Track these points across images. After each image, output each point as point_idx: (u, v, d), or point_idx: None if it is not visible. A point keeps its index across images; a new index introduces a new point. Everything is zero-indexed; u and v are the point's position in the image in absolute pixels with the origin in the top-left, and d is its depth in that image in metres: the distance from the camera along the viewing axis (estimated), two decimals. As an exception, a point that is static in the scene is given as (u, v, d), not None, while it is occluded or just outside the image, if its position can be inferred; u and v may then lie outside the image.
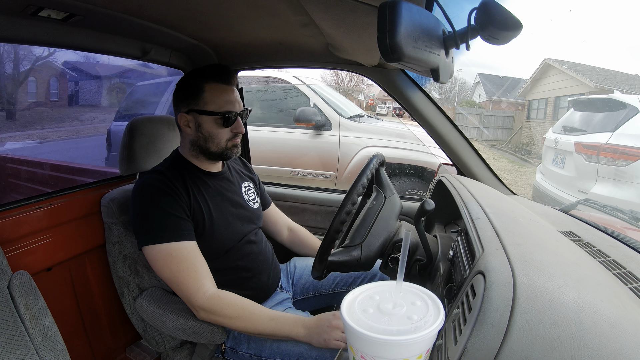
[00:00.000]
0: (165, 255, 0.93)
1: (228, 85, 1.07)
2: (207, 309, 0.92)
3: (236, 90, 1.09)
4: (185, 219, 0.99)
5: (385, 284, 0.53)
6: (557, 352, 0.40)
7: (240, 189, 1.22)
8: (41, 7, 0.91)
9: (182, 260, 0.93)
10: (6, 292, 0.85)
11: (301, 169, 3.32)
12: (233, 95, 1.07)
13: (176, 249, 0.93)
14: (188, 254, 0.94)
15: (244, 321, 0.93)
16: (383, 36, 0.49)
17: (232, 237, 1.11)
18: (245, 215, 1.17)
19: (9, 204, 1.05)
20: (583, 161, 3.48)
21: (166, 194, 0.99)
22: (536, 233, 0.70)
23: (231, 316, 0.92)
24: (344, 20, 0.87)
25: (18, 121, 2.62)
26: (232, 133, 1.08)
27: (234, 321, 0.93)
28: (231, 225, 1.12)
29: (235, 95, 1.08)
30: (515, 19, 0.55)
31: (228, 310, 0.93)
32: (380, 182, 0.96)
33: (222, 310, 0.92)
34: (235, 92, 1.08)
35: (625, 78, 10.77)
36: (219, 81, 1.06)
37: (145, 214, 0.96)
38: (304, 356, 1.00)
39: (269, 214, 1.39)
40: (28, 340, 0.86)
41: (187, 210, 1.02)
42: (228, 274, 1.10)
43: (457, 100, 19.70)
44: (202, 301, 0.92)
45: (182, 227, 0.97)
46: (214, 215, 1.08)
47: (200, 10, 1.02)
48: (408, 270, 0.84)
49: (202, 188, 1.09)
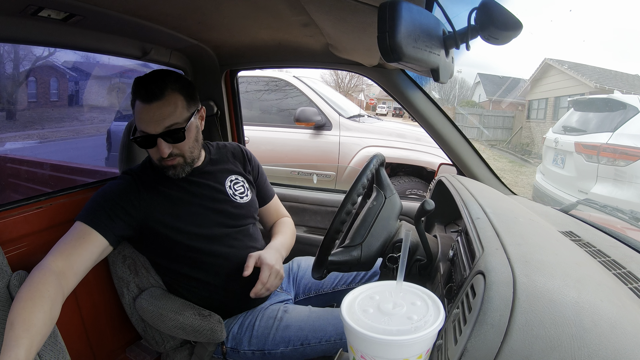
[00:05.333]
0: (72, 227, 0.96)
1: (146, 103, 0.96)
2: (29, 275, 0.83)
3: (164, 107, 0.96)
4: (115, 215, 0.97)
5: (385, 284, 0.53)
6: (557, 352, 0.40)
7: (222, 183, 1.16)
8: (41, 7, 0.91)
9: (71, 234, 0.94)
10: (6, 292, 0.85)
11: (301, 169, 3.33)
12: (150, 114, 0.96)
13: (76, 225, 0.96)
14: (78, 234, 0.94)
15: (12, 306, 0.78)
16: (383, 36, 0.49)
17: (209, 231, 1.08)
18: (226, 209, 1.13)
19: (9, 204, 1.05)
20: (583, 161, 3.48)
21: (116, 195, 1.00)
22: (536, 233, 0.70)
23: (17, 294, 0.79)
24: (344, 20, 0.87)
25: (18, 121, 2.62)
26: (158, 155, 1.01)
27: (14, 300, 0.79)
28: (205, 219, 1.09)
29: (154, 115, 0.96)
30: (515, 19, 0.55)
31: (21, 287, 0.80)
32: (380, 182, 0.96)
33: (23, 285, 0.81)
34: (159, 110, 0.96)
35: (625, 78, 10.77)
36: (139, 98, 0.97)
37: (91, 199, 1.01)
38: (307, 339, 1.02)
39: (262, 211, 1.33)
40: (28, 340, 0.86)
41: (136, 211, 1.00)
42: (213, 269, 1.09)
43: (457, 100, 19.70)
44: (38, 266, 0.85)
45: (103, 219, 0.96)
46: (183, 211, 1.06)
47: (200, 10, 1.02)
48: (408, 270, 0.84)
49: (170, 189, 1.07)
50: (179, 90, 0.99)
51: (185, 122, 1.01)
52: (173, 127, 0.98)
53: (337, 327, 1.03)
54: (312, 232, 1.75)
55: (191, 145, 1.05)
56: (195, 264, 1.08)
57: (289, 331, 1.04)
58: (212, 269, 1.09)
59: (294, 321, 1.06)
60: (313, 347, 1.02)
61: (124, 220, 0.99)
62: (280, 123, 3.44)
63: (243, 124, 1.80)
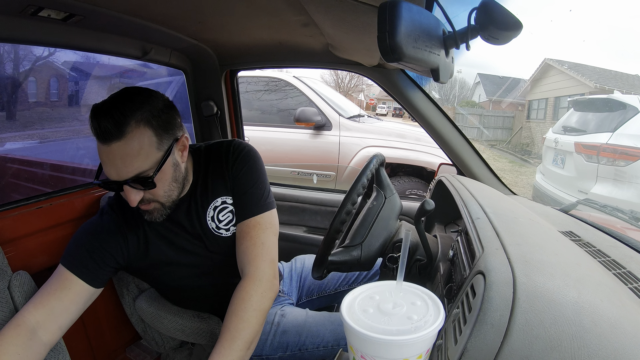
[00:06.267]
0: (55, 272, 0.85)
1: (104, 143, 0.75)
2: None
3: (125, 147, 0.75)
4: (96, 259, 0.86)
5: (385, 284, 0.53)
6: (557, 352, 0.40)
7: (203, 216, 0.94)
8: (41, 7, 0.91)
9: (54, 280, 0.83)
10: (6, 292, 0.85)
11: (301, 169, 3.33)
12: (109, 157, 0.76)
13: (60, 271, 0.84)
14: (62, 282, 0.82)
15: None
16: (383, 36, 0.49)
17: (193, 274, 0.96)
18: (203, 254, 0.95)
19: (9, 204, 1.05)
20: (583, 161, 3.48)
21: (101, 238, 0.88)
22: (536, 233, 0.70)
23: None
24: (344, 20, 0.87)
25: (18, 121, 2.62)
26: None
27: None
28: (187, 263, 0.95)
29: (113, 159, 0.75)
30: (515, 19, 0.55)
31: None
32: (380, 182, 0.96)
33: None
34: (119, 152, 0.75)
35: (625, 78, 10.78)
36: (95, 136, 0.76)
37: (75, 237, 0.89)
38: (305, 345, 1.01)
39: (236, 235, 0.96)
40: (28, 340, 0.86)
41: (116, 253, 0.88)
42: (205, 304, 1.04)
43: (457, 100, 19.72)
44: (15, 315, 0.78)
45: (83, 263, 0.84)
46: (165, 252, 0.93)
47: (200, 10, 1.02)
48: (408, 270, 0.84)
49: (152, 224, 0.92)
50: (147, 122, 0.77)
51: (155, 167, 0.79)
52: (139, 175, 0.78)
53: (334, 333, 1.02)
54: (312, 232, 1.75)
55: (167, 189, 0.84)
56: (181, 299, 1.06)
57: (286, 337, 1.03)
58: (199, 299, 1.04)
59: (291, 326, 1.05)
60: (311, 352, 1.02)
61: (111, 265, 0.88)
62: (280, 123, 3.44)
63: (243, 124, 1.81)
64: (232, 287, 0.94)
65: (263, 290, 0.83)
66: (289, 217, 1.76)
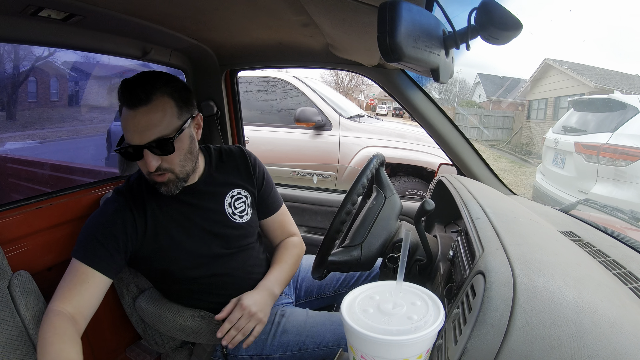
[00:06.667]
0: (71, 265, 0.90)
1: (132, 108, 0.85)
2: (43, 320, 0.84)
3: (151, 114, 0.85)
4: (112, 249, 0.91)
5: (385, 284, 0.53)
6: (557, 352, 0.40)
7: (221, 202, 1.05)
8: (41, 7, 0.91)
9: (72, 275, 0.88)
10: (6, 292, 0.85)
11: (301, 169, 3.33)
12: (135, 121, 0.85)
13: (76, 266, 0.89)
14: (80, 276, 0.88)
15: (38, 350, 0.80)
16: (383, 36, 0.49)
17: (203, 261, 1.01)
18: (224, 234, 1.03)
19: (9, 204, 1.05)
20: (583, 161, 3.48)
21: (113, 219, 0.93)
22: (536, 233, 0.70)
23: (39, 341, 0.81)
24: (344, 20, 0.87)
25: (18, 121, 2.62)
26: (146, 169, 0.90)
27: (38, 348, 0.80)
28: (199, 248, 1.00)
29: (138, 123, 0.85)
30: (515, 19, 0.55)
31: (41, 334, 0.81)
32: (380, 182, 0.96)
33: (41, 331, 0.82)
34: (145, 117, 0.85)
35: (625, 78, 10.79)
36: (124, 103, 0.86)
37: (86, 230, 0.94)
38: (305, 345, 1.01)
39: (266, 224, 1.19)
40: (28, 341, 0.86)
41: (130, 239, 0.93)
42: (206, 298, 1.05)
43: (457, 100, 19.73)
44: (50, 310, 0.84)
45: (101, 256, 0.90)
46: (176, 238, 0.98)
47: (200, 10, 1.02)
48: (408, 270, 0.84)
49: (162, 208, 0.98)
50: (170, 95, 0.88)
51: (175, 132, 0.89)
52: (161, 138, 0.87)
53: (335, 333, 1.02)
54: (312, 232, 1.75)
55: (182, 158, 0.92)
56: (190, 291, 1.05)
57: (286, 336, 1.03)
58: (209, 291, 1.05)
59: (291, 326, 1.05)
60: (311, 352, 1.02)
61: (122, 250, 0.92)
62: (280, 123, 3.44)
63: (243, 124, 1.81)
64: (229, 284, 1.02)
65: (303, 246, 1.22)
66: (289, 217, 1.76)
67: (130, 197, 0.97)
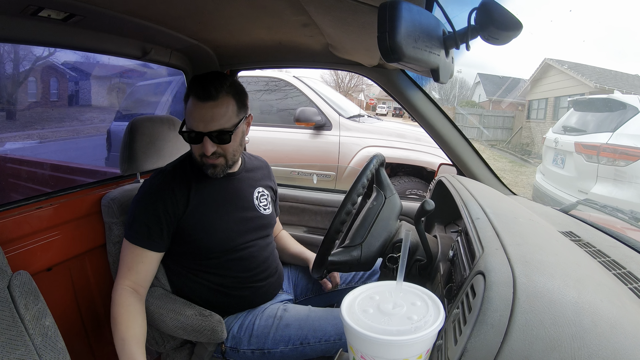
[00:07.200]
0: (126, 247, 1.04)
1: (202, 101, 1.00)
2: (112, 298, 1.00)
3: (216, 108, 1.01)
4: (159, 227, 1.03)
5: (385, 284, 0.53)
6: (557, 352, 0.40)
7: (251, 193, 1.20)
8: (41, 7, 0.91)
9: (126, 255, 1.03)
10: (6, 292, 0.85)
11: (301, 169, 3.33)
12: (202, 112, 1.00)
13: (129, 247, 1.03)
14: (134, 257, 1.03)
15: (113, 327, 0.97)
16: (383, 36, 0.49)
17: (232, 238, 1.11)
18: (251, 219, 1.16)
19: (9, 204, 1.05)
20: (583, 161, 3.48)
21: (156, 197, 1.04)
22: (536, 233, 0.70)
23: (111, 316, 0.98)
24: (344, 20, 0.87)
25: (18, 121, 2.62)
26: (201, 151, 1.05)
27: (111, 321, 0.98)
28: (230, 227, 1.11)
29: (205, 114, 1.00)
30: (515, 19, 0.55)
31: (113, 310, 0.98)
32: (380, 182, 0.96)
33: (112, 307, 0.98)
34: (211, 110, 1.00)
35: (625, 78, 10.79)
36: (195, 96, 1.01)
37: (132, 211, 1.06)
38: (307, 339, 1.02)
39: None
40: (28, 341, 0.86)
41: (173, 213, 1.04)
42: (226, 274, 1.10)
43: (457, 100, 19.73)
44: (115, 289, 1.00)
45: (150, 235, 1.02)
46: (213, 215, 1.08)
47: (200, 10, 1.02)
48: (408, 270, 0.84)
49: (204, 188, 1.09)
50: (233, 96, 1.03)
51: (233, 127, 1.04)
52: (222, 130, 1.02)
53: (336, 327, 1.03)
54: (312, 232, 1.75)
55: (235, 148, 1.07)
56: (212, 268, 1.10)
57: (288, 330, 1.04)
58: (229, 273, 1.11)
59: (293, 320, 1.06)
60: (312, 346, 1.02)
61: (168, 223, 1.04)
62: (280, 123, 3.44)
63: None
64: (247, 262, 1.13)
65: None
66: (289, 217, 1.76)
67: (175, 176, 1.08)
